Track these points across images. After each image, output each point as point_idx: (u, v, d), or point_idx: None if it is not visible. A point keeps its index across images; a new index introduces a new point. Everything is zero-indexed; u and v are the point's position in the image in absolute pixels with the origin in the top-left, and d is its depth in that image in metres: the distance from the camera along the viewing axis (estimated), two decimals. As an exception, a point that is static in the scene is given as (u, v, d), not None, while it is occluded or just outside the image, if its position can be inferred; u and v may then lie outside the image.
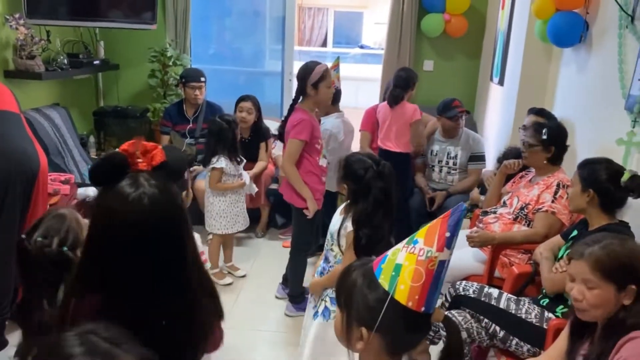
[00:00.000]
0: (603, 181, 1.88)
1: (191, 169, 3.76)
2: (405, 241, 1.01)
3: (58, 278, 1.40)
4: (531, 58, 3.25)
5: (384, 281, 0.97)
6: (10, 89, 2.68)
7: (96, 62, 3.98)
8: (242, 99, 3.76)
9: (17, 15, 3.18)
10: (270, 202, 3.95)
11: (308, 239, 2.75)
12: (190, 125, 3.88)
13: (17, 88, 3.28)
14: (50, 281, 1.37)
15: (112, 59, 4.23)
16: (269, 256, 3.65)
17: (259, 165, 3.78)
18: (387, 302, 0.94)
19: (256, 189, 3.48)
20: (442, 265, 0.97)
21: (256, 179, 3.67)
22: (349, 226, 1.82)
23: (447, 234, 0.96)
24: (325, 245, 1.99)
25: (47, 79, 3.46)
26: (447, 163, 3.57)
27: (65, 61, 3.58)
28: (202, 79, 3.78)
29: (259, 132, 3.85)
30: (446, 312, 2.07)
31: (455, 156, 3.54)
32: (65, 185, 3.09)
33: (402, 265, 0.96)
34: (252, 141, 3.83)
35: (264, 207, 3.92)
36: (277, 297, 3.05)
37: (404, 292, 0.95)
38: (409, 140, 3.43)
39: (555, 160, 2.47)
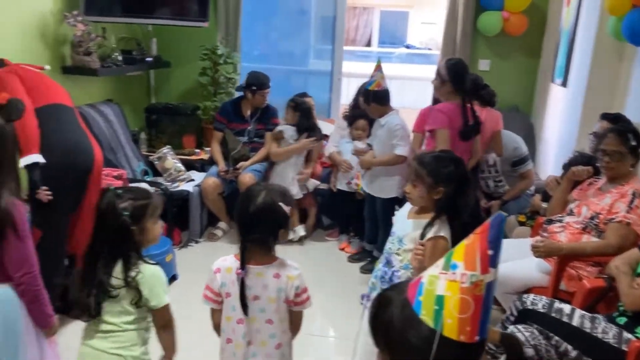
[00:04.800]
0: None
1: (237, 165, 3.75)
2: (441, 265, 0.87)
3: (117, 247, 1.54)
4: (601, 58, 3.06)
5: (426, 317, 0.84)
6: (67, 84, 2.73)
7: (149, 59, 4.02)
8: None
9: (75, 13, 3.23)
10: (318, 203, 3.88)
11: None
12: (247, 125, 3.86)
13: (73, 84, 3.35)
14: (111, 248, 1.54)
15: (165, 57, 4.26)
16: (316, 257, 3.59)
17: (310, 167, 3.75)
18: (436, 341, 0.82)
19: (317, 183, 3.46)
20: (490, 286, 0.83)
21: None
22: (434, 231, 1.73)
23: (490, 252, 0.82)
24: (387, 249, 1.90)
25: (102, 75, 3.50)
26: (490, 172, 3.34)
27: (120, 58, 3.62)
28: (270, 84, 3.77)
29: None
30: (511, 327, 1.94)
31: (494, 164, 3.28)
32: (117, 180, 3.11)
33: (444, 297, 0.83)
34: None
35: (311, 208, 3.86)
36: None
37: (452, 326, 0.82)
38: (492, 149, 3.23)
39: (634, 166, 2.30)
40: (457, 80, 2.76)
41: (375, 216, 3.40)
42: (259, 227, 1.56)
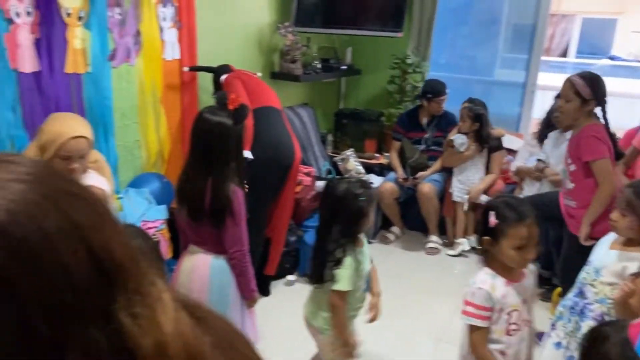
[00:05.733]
0: None
1: (417, 175, 3.81)
2: None
3: (350, 228, 1.81)
4: None
5: None
6: (274, 88, 3.08)
7: (343, 67, 4.29)
8: None
9: (286, 24, 3.62)
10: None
11: None
12: (424, 133, 3.91)
13: (279, 88, 3.74)
14: (344, 228, 1.81)
15: (357, 65, 4.51)
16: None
17: (489, 178, 3.64)
18: None
19: (487, 200, 3.35)
20: None
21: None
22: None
23: None
24: (581, 278, 1.79)
25: (303, 81, 3.86)
26: None
27: (319, 65, 3.94)
28: (447, 91, 3.79)
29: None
30: None
31: None
32: (307, 177, 3.41)
33: None
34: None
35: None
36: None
37: None
38: None
39: None
40: (602, 97, 2.42)
41: (550, 240, 3.16)
42: None
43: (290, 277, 3.19)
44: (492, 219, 1.53)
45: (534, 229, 1.53)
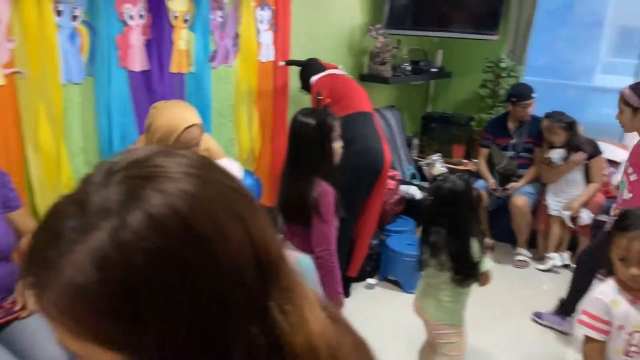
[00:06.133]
0: None
1: (507, 185, 3.64)
2: None
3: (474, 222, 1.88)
4: None
5: None
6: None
7: (433, 69, 4.20)
8: None
9: (377, 26, 3.60)
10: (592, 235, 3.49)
11: None
12: (512, 139, 3.74)
13: (367, 89, 3.72)
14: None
15: (447, 67, 4.40)
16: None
17: (592, 188, 3.41)
18: None
19: (591, 216, 3.15)
20: None
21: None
22: None
23: None
24: None
25: (392, 84, 3.82)
26: None
27: (409, 68, 3.89)
28: (533, 95, 3.59)
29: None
30: None
31: None
32: (391, 180, 3.37)
33: None
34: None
35: (584, 238, 3.50)
36: None
37: None
38: None
39: None
40: None
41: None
42: None
43: (370, 281, 3.17)
44: (609, 224, 1.47)
45: (637, 245, 1.42)
